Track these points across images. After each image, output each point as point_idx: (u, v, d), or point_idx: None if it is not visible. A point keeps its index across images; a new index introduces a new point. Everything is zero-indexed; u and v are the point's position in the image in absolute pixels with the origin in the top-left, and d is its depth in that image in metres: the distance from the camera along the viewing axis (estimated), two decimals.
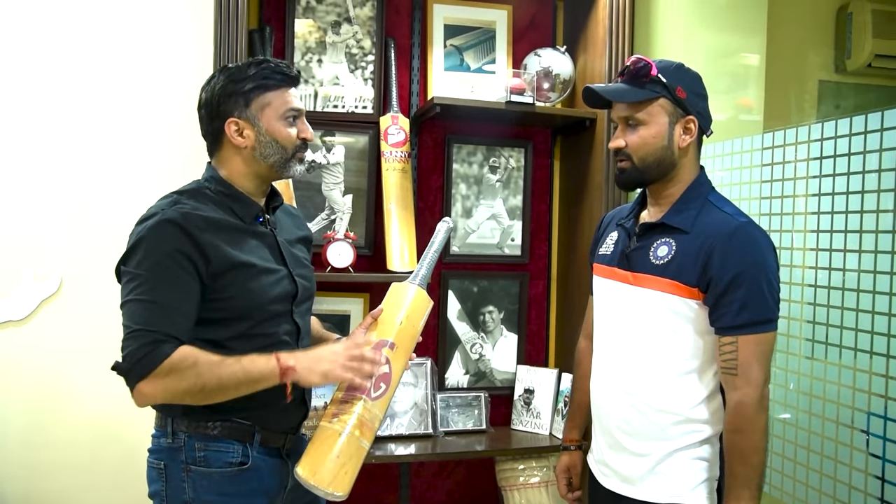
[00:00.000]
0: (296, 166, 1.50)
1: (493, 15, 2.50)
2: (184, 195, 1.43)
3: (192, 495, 1.41)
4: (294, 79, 1.49)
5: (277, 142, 1.45)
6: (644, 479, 1.49)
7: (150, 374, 1.29)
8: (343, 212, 2.36)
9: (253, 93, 1.43)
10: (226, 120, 1.44)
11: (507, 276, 2.56)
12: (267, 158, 1.46)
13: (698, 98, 1.49)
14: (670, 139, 1.46)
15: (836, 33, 2.76)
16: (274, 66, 1.46)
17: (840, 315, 1.59)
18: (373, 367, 1.39)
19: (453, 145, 2.49)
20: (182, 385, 1.30)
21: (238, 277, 1.40)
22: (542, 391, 2.47)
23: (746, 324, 1.38)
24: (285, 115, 1.46)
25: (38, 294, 2.19)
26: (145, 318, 1.31)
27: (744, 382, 1.39)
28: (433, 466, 2.54)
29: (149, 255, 1.34)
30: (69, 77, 2.21)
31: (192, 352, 1.32)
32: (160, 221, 1.35)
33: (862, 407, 1.53)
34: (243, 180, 1.48)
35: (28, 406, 2.20)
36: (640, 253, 1.52)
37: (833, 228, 1.62)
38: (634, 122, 1.47)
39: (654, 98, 1.45)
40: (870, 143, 1.52)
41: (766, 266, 1.40)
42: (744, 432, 1.39)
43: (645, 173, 1.49)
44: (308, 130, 1.51)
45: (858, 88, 2.81)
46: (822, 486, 1.62)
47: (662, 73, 1.45)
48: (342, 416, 1.39)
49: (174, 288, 1.33)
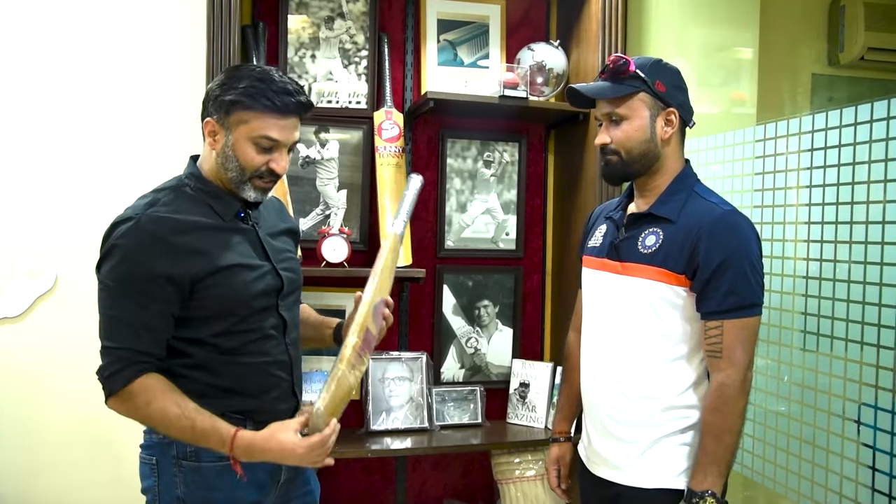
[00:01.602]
0: (250, 191, 1.43)
1: (487, 9, 2.50)
2: (162, 193, 1.42)
3: (184, 490, 1.41)
4: (290, 110, 1.39)
5: (237, 160, 1.40)
6: (632, 464, 1.52)
7: (113, 396, 1.35)
8: (337, 207, 2.36)
9: (235, 105, 1.38)
10: (205, 118, 1.43)
11: (501, 270, 2.57)
12: (227, 171, 1.42)
13: (678, 91, 1.53)
14: (653, 132, 1.50)
15: (829, 26, 2.77)
16: (268, 89, 1.37)
17: (832, 306, 1.60)
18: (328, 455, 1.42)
19: (447, 140, 2.49)
20: (136, 416, 1.37)
21: (219, 279, 1.39)
22: (538, 385, 2.48)
23: (732, 308, 1.41)
24: (256, 140, 1.38)
25: (33, 291, 2.19)
26: (112, 334, 1.35)
27: (727, 364, 1.42)
28: (429, 460, 2.54)
29: (120, 266, 1.33)
30: (62, 74, 2.20)
31: (152, 388, 1.34)
32: (133, 228, 1.34)
33: (853, 397, 1.54)
34: (217, 179, 1.46)
35: (23, 403, 2.20)
36: (628, 243, 1.55)
37: (825, 220, 1.63)
38: (617, 117, 1.51)
39: (633, 93, 1.49)
40: (862, 134, 1.53)
41: (749, 252, 1.43)
42: (722, 413, 1.43)
43: (630, 166, 1.53)
44: (280, 165, 1.42)
45: (851, 81, 2.82)
46: (814, 476, 1.63)
47: (640, 68, 1.49)
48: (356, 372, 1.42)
49: (143, 305, 1.34)
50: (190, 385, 1.39)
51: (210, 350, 1.41)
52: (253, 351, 1.44)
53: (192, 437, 1.35)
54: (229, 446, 1.35)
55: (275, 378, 1.48)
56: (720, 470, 1.42)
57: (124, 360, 1.33)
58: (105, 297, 1.35)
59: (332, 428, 1.39)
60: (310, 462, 1.38)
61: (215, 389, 1.41)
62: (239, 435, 1.35)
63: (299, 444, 1.36)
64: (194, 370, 1.41)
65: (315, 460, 1.38)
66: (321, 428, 1.37)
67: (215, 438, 1.35)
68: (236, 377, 1.43)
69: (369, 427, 2.31)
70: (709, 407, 1.45)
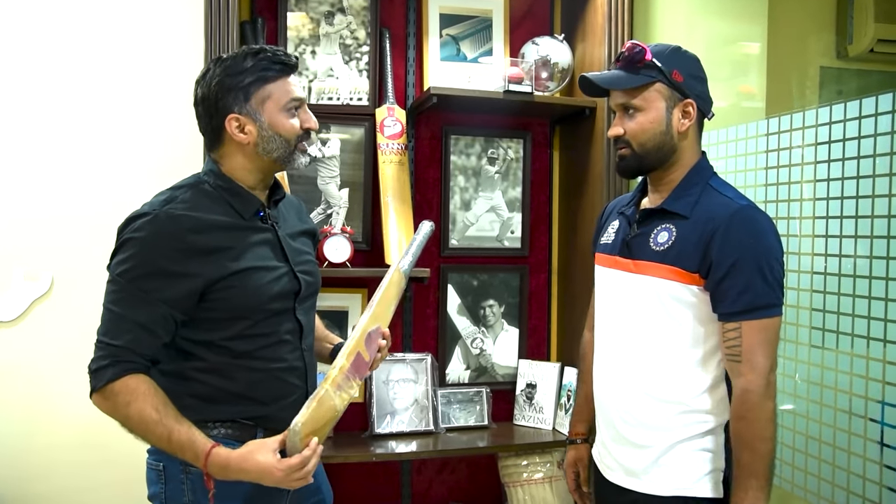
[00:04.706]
0: (300, 158, 1.44)
1: (490, 3, 2.45)
2: (180, 191, 1.38)
3: (192, 497, 1.38)
4: (293, 66, 1.42)
5: (280, 135, 1.40)
6: (648, 471, 1.47)
7: (96, 392, 1.31)
8: (339, 206, 2.32)
9: (252, 86, 1.37)
10: (226, 116, 1.38)
11: (507, 269, 2.53)
12: (270, 153, 1.40)
13: (696, 81, 1.47)
14: (669, 124, 1.45)
15: (838, 18, 2.73)
16: (271, 54, 1.39)
17: (851, 303, 1.55)
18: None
19: (451, 137, 2.45)
20: (116, 416, 1.32)
21: (234, 280, 1.35)
22: (545, 385, 2.44)
23: (749, 309, 1.35)
24: (287, 107, 1.40)
25: (29, 294, 2.15)
26: (108, 329, 1.31)
27: (748, 369, 1.36)
28: (435, 464, 2.50)
29: (131, 261, 1.30)
30: (58, 73, 2.16)
31: (135, 389, 1.29)
32: (149, 224, 1.31)
33: (875, 396, 1.49)
34: (245, 175, 1.43)
35: (21, 408, 2.16)
36: (640, 240, 1.50)
37: (841, 214, 1.59)
38: (632, 108, 1.46)
39: (649, 83, 1.43)
40: (873, 126, 1.50)
41: (767, 250, 1.37)
42: (748, 420, 1.36)
43: (644, 159, 1.47)
44: (311, 119, 1.45)
45: (860, 74, 2.77)
46: (834, 478, 1.59)
47: (657, 57, 1.43)
48: (342, 394, 1.37)
49: (146, 303, 1.30)
50: (202, 389, 1.35)
51: (223, 353, 1.37)
52: (267, 356, 1.41)
53: (168, 446, 1.30)
54: (203, 462, 1.29)
55: (289, 385, 1.44)
56: (759, 483, 1.35)
57: (112, 358, 1.30)
58: (110, 291, 1.32)
59: (312, 449, 1.31)
60: (288, 485, 1.32)
61: (227, 394, 1.38)
62: (214, 452, 1.29)
63: (277, 467, 1.29)
64: (207, 374, 1.37)
65: (293, 483, 1.31)
66: (298, 448, 1.31)
67: (190, 452, 1.30)
68: (249, 383, 1.39)
69: (373, 430, 2.26)
70: (734, 416, 1.39)
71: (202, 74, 1.42)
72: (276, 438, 1.33)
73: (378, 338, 1.46)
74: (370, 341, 1.43)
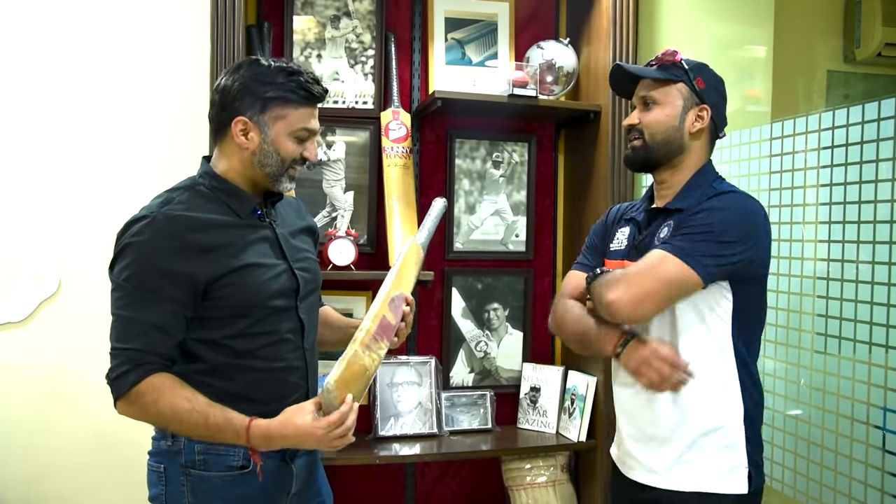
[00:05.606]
0: (285, 182, 1.45)
1: (495, 7, 2.46)
2: (177, 192, 1.40)
3: (192, 499, 1.38)
4: (319, 98, 1.43)
5: (279, 153, 1.40)
6: (671, 468, 1.47)
7: (120, 399, 1.32)
8: (344, 209, 2.33)
9: (273, 101, 1.38)
10: (235, 116, 1.39)
11: (511, 272, 2.53)
12: (264, 167, 1.41)
13: (716, 94, 1.52)
14: (682, 122, 1.49)
15: (845, 22, 2.71)
16: (304, 81, 1.40)
17: (854, 308, 1.55)
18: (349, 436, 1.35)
19: (455, 140, 2.45)
20: (146, 417, 1.33)
21: (233, 277, 1.36)
22: (549, 389, 2.44)
23: (670, 249, 1.36)
24: (297, 134, 1.41)
25: (37, 295, 2.17)
26: (121, 335, 1.32)
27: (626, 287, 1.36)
28: (438, 466, 2.50)
29: (134, 265, 1.31)
30: (65, 75, 2.18)
31: (160, 386, 1.30)
32: (147, 226, 1.32)
33: (877, 402, 1.49)
34: (237, 178, 1.44)
35: (28, 408, 2.18)
36: (646, 241, 1.52)
37: (844, 219, 1.58)
38: (651, 100, 1.51)
39: (673, 81, 1.49)
40: (876, 131, 1.50)
41: (726, 221, 1.37)
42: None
43: (653, 152, 1.51)
44: (314, 152, 1.46)
45: (868, 78, 2.76)
46: (836, 485, 1.58)
47: (686, 62, 1.50)
48: (371, 353, 1.38)
49: (154, 304, 1.31)
50: (205, 391, 1.35)
51: (225, 353, 1.38)
52: (268, 355, 1.41)
53: (206, 431, 1.31)
54: (245, 437, 1.31)
55: (290, 385, 1.45)
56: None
57: (132, 362, 1.30)
58: (116, 297, 1.33)
59: (349, 405, 1.32)
60: (329, 444, 1.32)
61: (229, 396, 1.38)
62: (253, 424, 1.31)
63: (317, 426, 1.30)
64: (208, 376, 1.38)
65: (334, 442, 1.32)
66: (335, 405, 1.31)
67: (230, 431, 1.31)
68: (251, 383, 1.40)
69: (377, 433, 2.27)
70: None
71: (234, 67, 1.44)
72: (312, 400, 1.34)
73: (402, 304, 1.45)
74: (394, 306, 1.43)
